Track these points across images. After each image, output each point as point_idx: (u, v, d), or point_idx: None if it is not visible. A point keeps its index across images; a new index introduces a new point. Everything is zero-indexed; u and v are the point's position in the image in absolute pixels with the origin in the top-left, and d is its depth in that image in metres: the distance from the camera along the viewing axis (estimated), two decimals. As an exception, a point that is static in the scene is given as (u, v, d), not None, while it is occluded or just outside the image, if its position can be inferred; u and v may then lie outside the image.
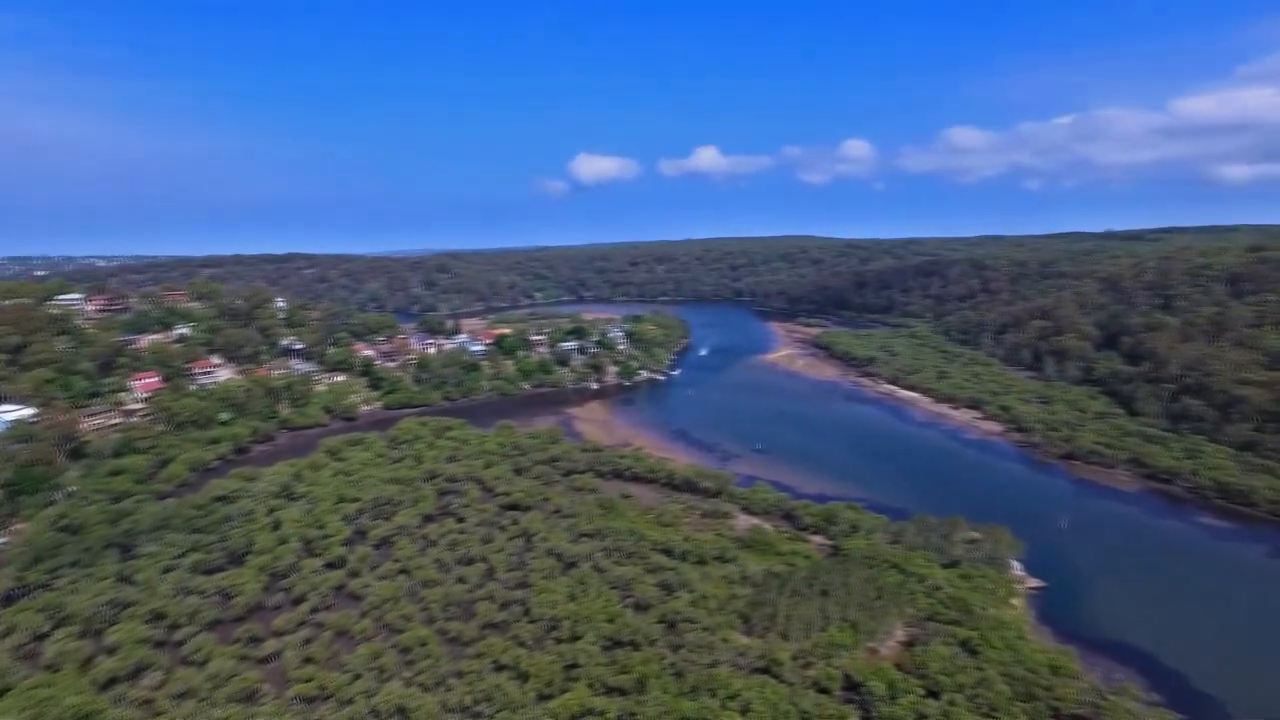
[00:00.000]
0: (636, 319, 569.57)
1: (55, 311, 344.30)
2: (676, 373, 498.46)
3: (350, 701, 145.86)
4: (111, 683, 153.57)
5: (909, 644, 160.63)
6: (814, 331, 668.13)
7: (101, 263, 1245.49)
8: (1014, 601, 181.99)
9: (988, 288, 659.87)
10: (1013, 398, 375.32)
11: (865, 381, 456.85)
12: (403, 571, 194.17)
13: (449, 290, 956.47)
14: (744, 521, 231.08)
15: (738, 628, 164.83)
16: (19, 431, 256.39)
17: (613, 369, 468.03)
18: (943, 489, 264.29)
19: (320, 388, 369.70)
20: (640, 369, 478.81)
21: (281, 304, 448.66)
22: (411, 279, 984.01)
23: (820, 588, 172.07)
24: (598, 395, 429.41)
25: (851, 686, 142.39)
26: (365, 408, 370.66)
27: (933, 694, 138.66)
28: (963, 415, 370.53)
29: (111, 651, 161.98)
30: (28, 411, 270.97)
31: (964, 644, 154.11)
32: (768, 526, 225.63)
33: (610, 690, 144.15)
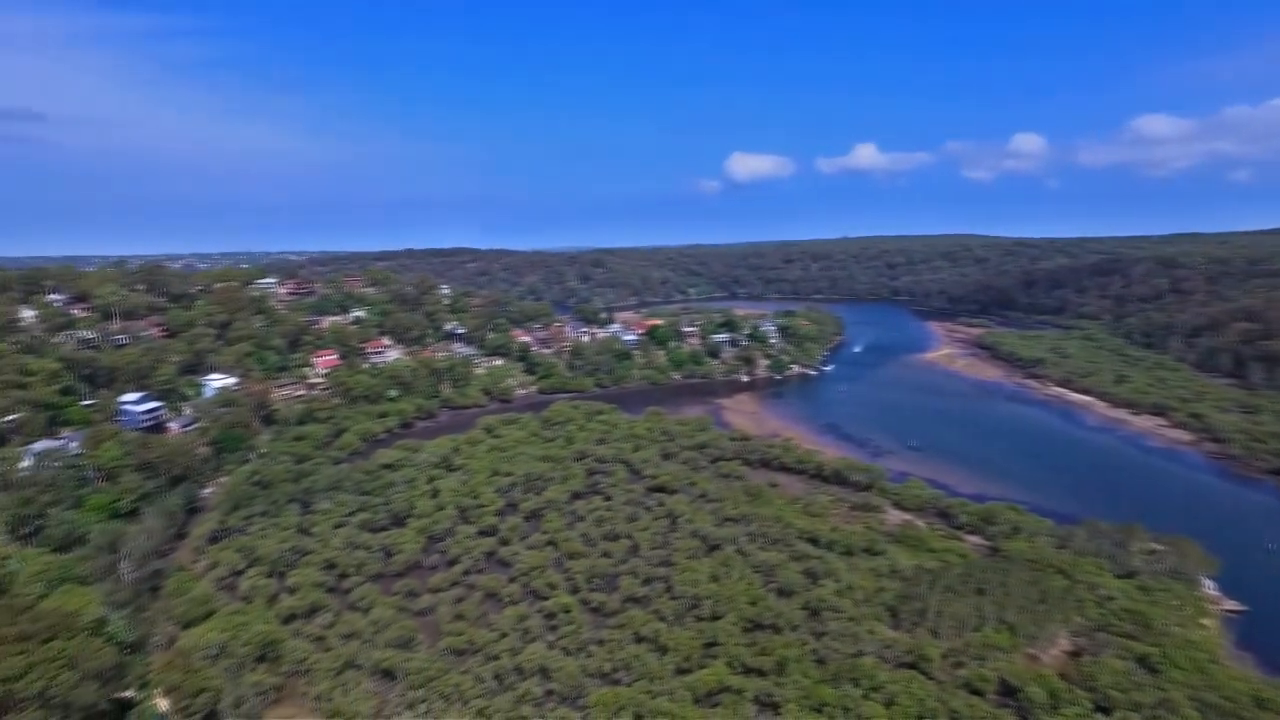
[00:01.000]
0: (789, 314, 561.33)
1: (255, 294, 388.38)
2: (829, 368, 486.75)
3: (496, 657, 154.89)
4: (291, 618, 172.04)
5: (1075, 654, 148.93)
6: (976, 331, 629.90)
7: (294, 257, 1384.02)
8: (1205, 622, 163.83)
9: (1178, 287, 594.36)
10: (1207, 405, 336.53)
11: (1031, 383, 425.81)
12: (550, 543, 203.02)
13: (603, 285, 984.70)
14: (895, 516, 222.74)
15: (884, 620, 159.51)
16: (224, 398, 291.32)
17: (764, 363, 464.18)
18: (1118, 496, 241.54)
19: (479, 370, 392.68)
20: (792, 363, 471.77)
21: (446, 291, 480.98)
22: (568, 273, 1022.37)
23: (975, 586, 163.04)
24: (748, 387, 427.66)
25: (1008, 691, 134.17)
26: (521, 391, 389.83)
27: (1102, 709, 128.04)
28: (1144, 422, 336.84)
29: (292, 591, 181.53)
30: (231, 380, 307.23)
31: (1141, 660, 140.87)
32: (920, 523, 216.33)
33: (749, 670, 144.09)
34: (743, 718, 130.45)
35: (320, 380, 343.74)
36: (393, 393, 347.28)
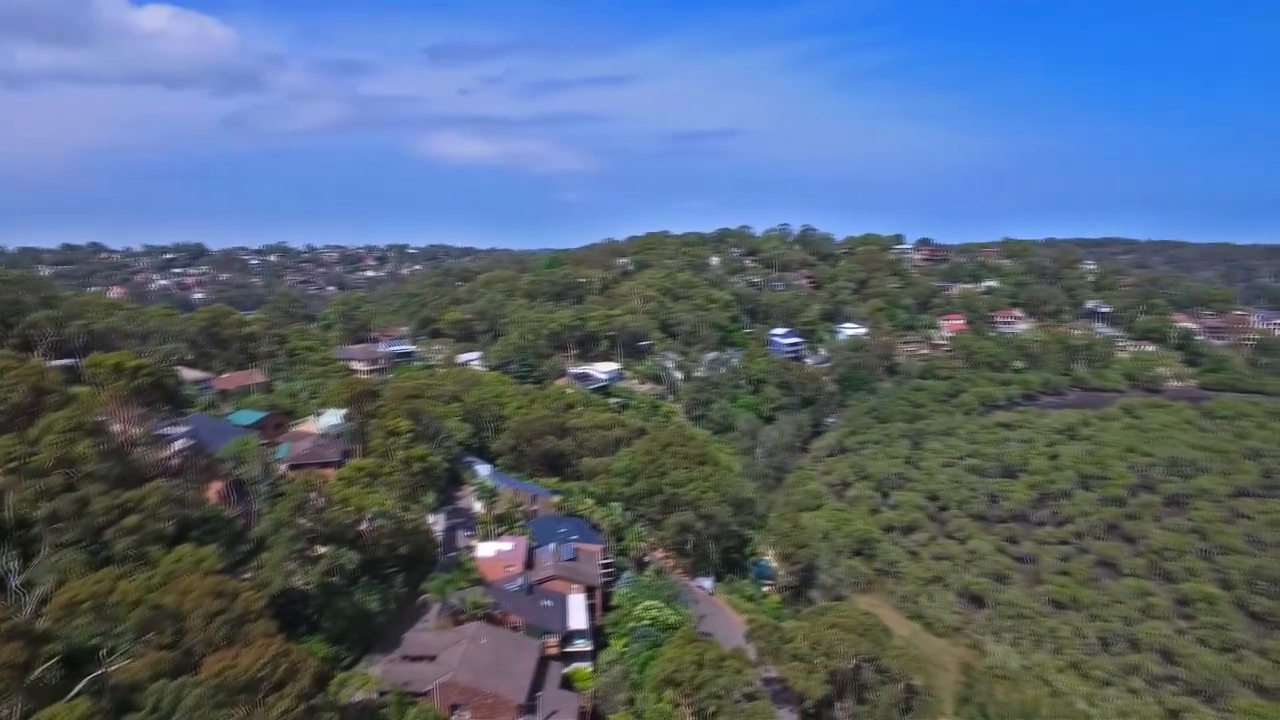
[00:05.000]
0: None
1: (891, 258, 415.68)
2: None
3: (1102, 620, 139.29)
4: (889, 529, 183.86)
5: None
6: None
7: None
8: None
9: None
10: None
11: None
12: (1194, 531, 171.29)
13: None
14: None
15: None
16: (854, 344, 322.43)
17: None
18: None
19: (1122, 354, 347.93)
20: None
21: (1091, 266, 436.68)
22: (1263, 269, 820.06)
23: None
24: None
25: None
26: (1175, 383, 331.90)
27: None
28: None
29: (893, 507, 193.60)
30: (861, 330, 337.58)
31: None
32: None
33: None
34: None
35: (944, 342, 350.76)
36: (1018, 363, 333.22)
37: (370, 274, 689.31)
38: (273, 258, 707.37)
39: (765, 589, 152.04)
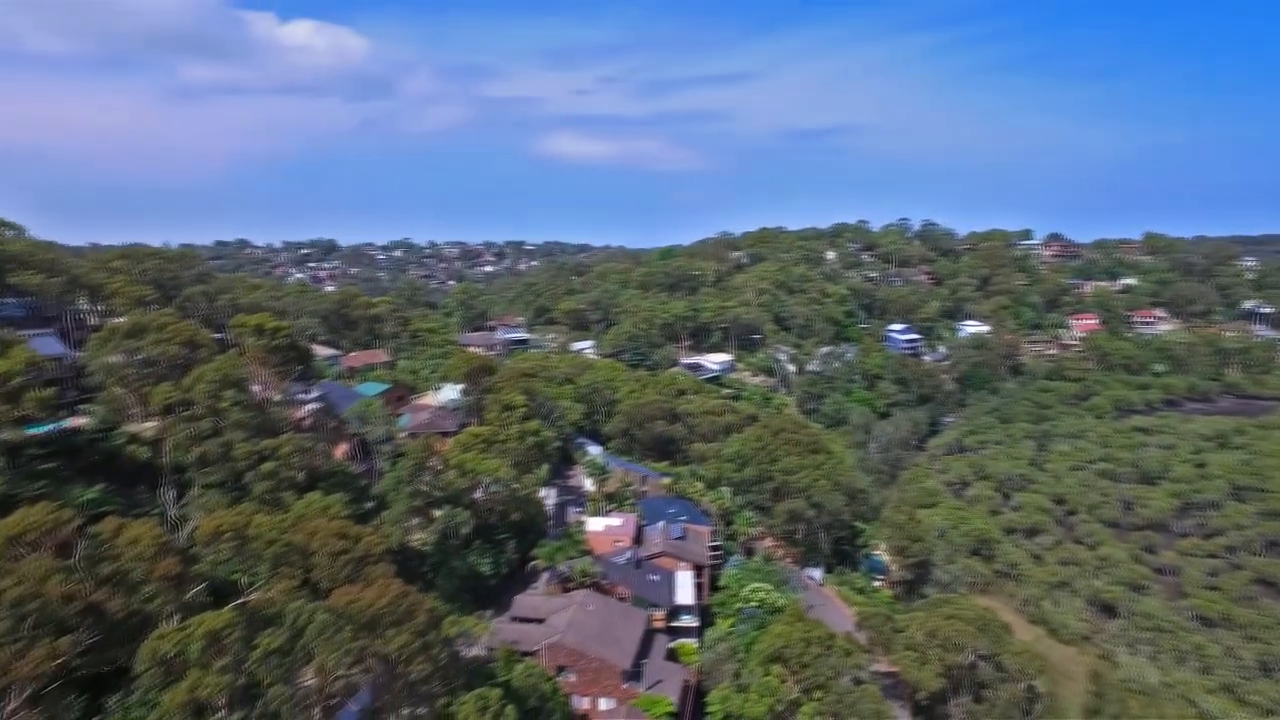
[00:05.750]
0: None
1: (1017, 254, 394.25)
2: None
3: (1261, 642, 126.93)
4: (1010, 530, 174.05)
5: None
6: None
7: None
8: None
9: None
10: None
11: None
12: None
13: None
14: None
15: None
16: (975, 341, 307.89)
17: None
18: None
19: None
20: None
21: (1250, 263, 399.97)
22: None
23: None
24: None
25: None
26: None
27: None
28: None
29: (1015, 509, 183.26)
30: (984, 328, 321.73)
31: None
32: None
33: None
34: None
35: (1074, 342, 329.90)
36: (1159, 366, 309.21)
37: (488, 269, 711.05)
38: (397, 253, 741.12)
39: (877, 584, 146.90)
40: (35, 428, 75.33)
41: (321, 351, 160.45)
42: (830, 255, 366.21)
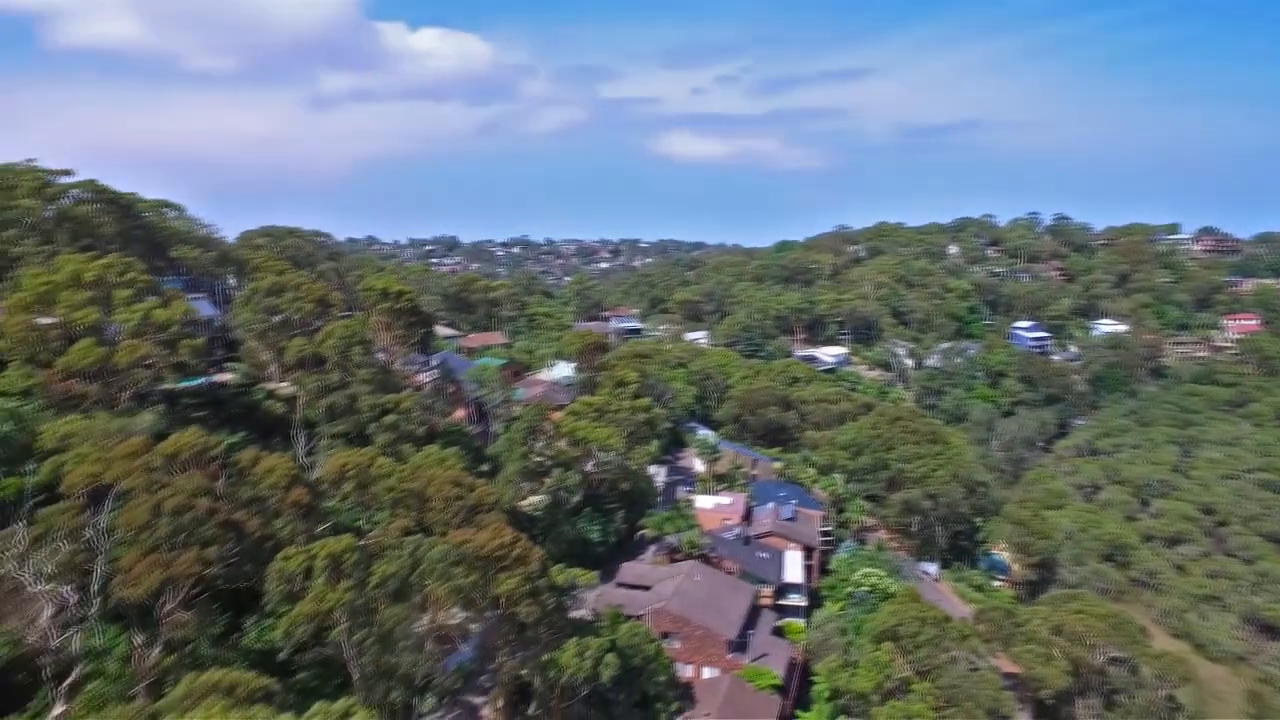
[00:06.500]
0: None
1: (1160, 249, 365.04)
2: None
3: None
4: (1149, 538, 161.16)
5: None
6: None
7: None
8: None
9: None
10: None
11: None
12: None
13: None
14: None
15: None
16: (1111, 341, 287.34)
17: None
18: None
19: None
20: None
21: None
22: None
23: None
24: None
25: None
26: None
27: None
28: None
29: (1155, 516, 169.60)
30: (1121, 327, 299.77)
31: None
32: None
33: None
34: None
35: (1229, 344, 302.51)
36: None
37: (604, 266, 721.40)
38: (516, 249, 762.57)
39: (997, 583, 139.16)
40: (189, 381, 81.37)
41: (441, 331, 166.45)
42: (953, 250, 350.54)
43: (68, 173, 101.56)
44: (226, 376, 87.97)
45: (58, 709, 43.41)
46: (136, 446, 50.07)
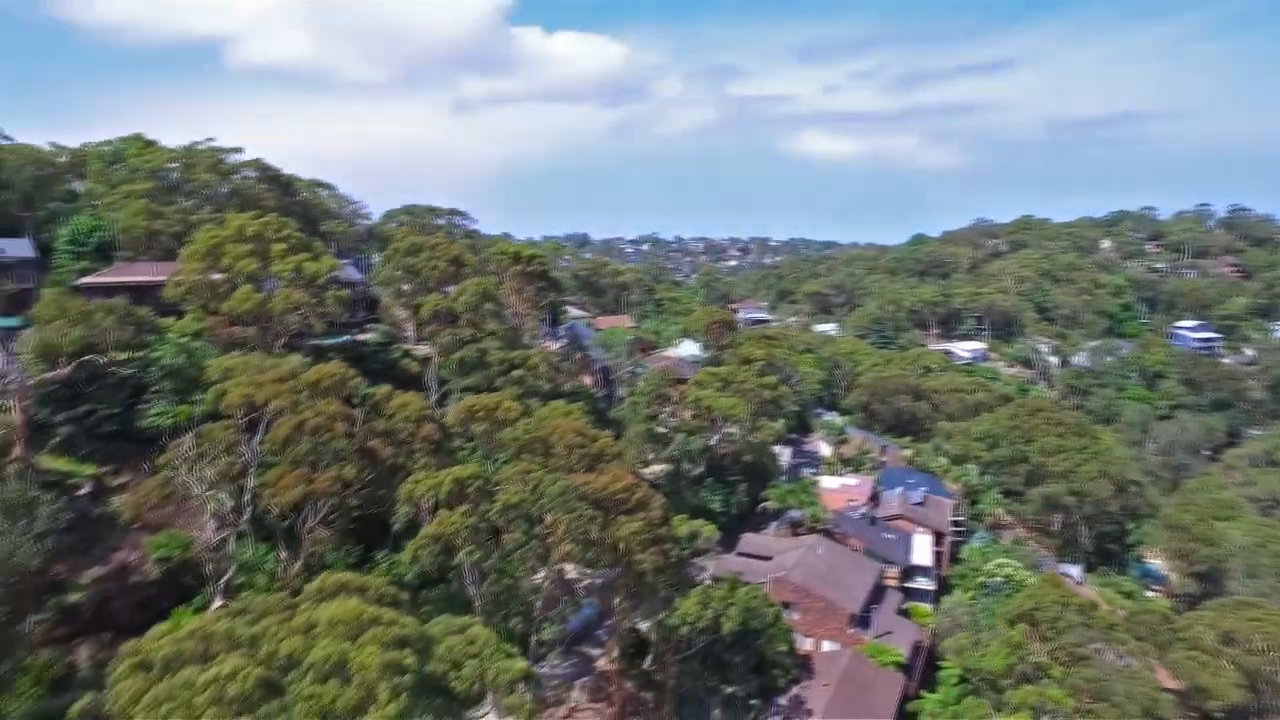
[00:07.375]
0: None
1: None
2: None
3: None
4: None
5: None
6: None
7: None
8: None
9: None
10: None
11: None
12: None
13: None
14: None
15: None
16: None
17: None
18: None
19: None
20: None
21: None
22: None
23: None
24: None
25: None
26: None
27: None
28: None
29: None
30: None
31: None
32: None
33: None
34: None
35: None
36: None
37: (732, 263, 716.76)
38: (645, 247, 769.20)
39: (1150, 592, 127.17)
40: (334, 338, 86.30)
41: (571, 312, 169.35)
42: (1105, 244, 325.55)
43: (239, 150, 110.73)
44: (367, 335, 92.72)
45: (217, 602, 47.22)
46: (284, 373, 53.20)
